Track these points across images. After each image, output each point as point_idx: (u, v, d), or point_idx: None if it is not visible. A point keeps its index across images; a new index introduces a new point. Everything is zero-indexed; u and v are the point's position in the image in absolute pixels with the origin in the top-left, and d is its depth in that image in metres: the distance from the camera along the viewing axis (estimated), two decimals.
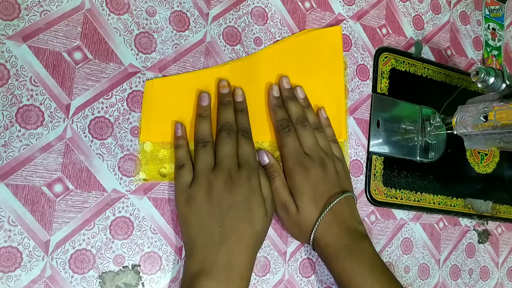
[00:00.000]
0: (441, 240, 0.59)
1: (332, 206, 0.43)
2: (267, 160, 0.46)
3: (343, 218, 0.44)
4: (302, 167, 0.44)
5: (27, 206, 0.37)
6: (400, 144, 0.56)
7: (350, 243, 0.43)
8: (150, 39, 0.43)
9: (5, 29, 0.37)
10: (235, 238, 0.39)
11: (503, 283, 0.64)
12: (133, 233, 0.41)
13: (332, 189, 0.45)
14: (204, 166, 0.41)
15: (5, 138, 0.37)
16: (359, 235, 0.44)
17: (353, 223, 0.45)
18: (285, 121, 0.46)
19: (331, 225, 0.43)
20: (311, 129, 0.47)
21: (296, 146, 0.45)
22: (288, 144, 0.45)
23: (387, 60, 0.56)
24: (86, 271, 0.38)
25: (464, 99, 0.53)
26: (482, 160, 0.63)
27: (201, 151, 0.41)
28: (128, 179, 0.41)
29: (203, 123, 0.43)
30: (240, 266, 0.38)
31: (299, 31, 0.51)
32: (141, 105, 0.42)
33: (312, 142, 0.46)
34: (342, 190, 0.46)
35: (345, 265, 0.42)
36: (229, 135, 0.42)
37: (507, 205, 0.64)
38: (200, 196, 0.39)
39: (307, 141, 0.46)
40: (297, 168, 0.44)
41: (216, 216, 0.39)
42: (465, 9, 0.65)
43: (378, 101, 0.55)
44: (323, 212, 0.43)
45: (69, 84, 0.39)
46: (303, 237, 0.45)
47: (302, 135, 0.46)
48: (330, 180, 0.45)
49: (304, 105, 0.49)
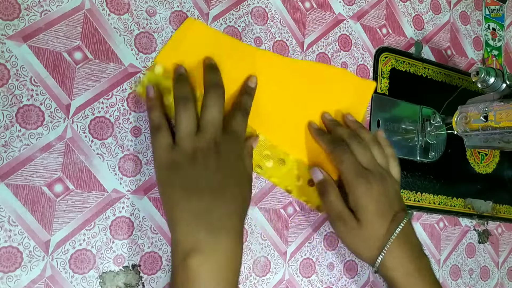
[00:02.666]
0: (441, 240, 0.59)
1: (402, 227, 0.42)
2: (320, 176, 0.45)
3: (410, 238, 0.43)
4: (364, 179, 0.42)
5: (27, 206, 0.37)
6: (400, 144, 0.56)
7: (419, 266, 0.42)
8: (150, 39, 0.43)
9: (5, 29, 0.37)
10: (225, 206, 0.36)
11: (503, 283, 0.64)
12: (133, 233, 0.41)
13: (395, 205, 0.43)
14: (186, 131, 0.38)
15: (5, 138, 0.37)
16: (423, 257, 0.43)
17: (418, 243, 0.44)
18: (337, 140, 0.45)
19: (400, 247, 0.41)
20: (367, 145, 0.45)
21: (354, 161, 0.44)
22: (345, 160, 0.43)
23: (387, 60, 0.56)
24: (86, 271, 0.38)
25: (464, 99, 0.53)
26: (482, 160, 0.63)
27: (182, 111, 0.38)
28: (128, 179, 0.41)
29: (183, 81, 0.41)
30: (233, 235, 0.36)
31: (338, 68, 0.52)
32: (141, 105, 0.42)
33: (370, 157, 0.44)
34: (403, 208, 0.44)
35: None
36: (218, 96, 0.39)
37: (507, 205, 0.64)
38: (184, 161, 0.37)
39: (365, 157, 0.44)
40: (359, 181, 0.42)
41: (203, 183, 0.36)
42: (465, 9, 0.65)
43: (378, 101, 0.55)
44: (395, 231, 0.41)
45: (69, 84, 0.39)
46: (368, 252, 0.43)
47: (358, 151, 0.44)
48: (392, 195, 0.44)
49: (356, 127, 0.48)
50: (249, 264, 0.46)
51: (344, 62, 0.53)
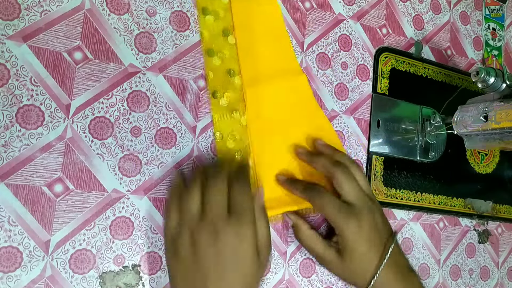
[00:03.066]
0: (441, 240, 0.59)
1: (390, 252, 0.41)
2: (291, 222, 0.45)
3: (398, 260, 0.43)
4: (352, 220, 0.41)
5: (27, 206, 0.37)
6: (400, 144, 0.56)
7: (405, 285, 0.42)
8: (150, 39, 0.43)
9: (5, 29, 0.37)
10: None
11: (503, 283, 0.64)
12: (133, 233, 0.41)
13: (384, 233, 0.43)
14: (189, 216, 0.37)
15: (5, 138, 0.37)
16: (411, 274, 0.43)
17: (405, 261, 0.44)
18: (309, 186, 0.43)
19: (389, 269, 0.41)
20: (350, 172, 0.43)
21: (335, 202, 0.41)
22: (325, 204, 0.41)
23: (387, 60, 0.56)
24: (86, 271, 0.38)
25: (464, 99, 0.53)
26: (482, 160, 0.63)
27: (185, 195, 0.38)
28: (128, 179, 0.41)
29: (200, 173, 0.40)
30: None
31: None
32: (141, 105, 0.42)
33: (355, 188, 0.42)
34: (391, 231, 0.44)
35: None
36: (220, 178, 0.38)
37: (507, 205, 0.64)
38: (184, 252, 0.36)
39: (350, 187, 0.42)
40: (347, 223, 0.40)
41: (202, 272, 0.36)
42: (465, 9, 0.65)
43: (378, 101, 0.55)
44: (385, 258, 0.41)
45: (69, 84, 0.39)
46: (360, 281, 0.42)
47: (343, 181, 0.42)
48: (380, 226, 0.43)
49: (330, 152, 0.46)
50: None
51: (344, 62, 0.53)
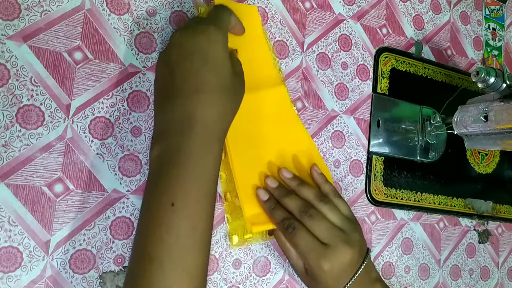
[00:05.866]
0: (442, 240, 0.59)
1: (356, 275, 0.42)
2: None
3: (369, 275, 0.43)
4: (323, 261, 0.40)
5: (28, 206, 0.37)
6: (400, 144, 0.56)
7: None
8: (151, 39, 0.43)
9: (5, 29, 0.37)
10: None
11: (503, 283, 0.64)
12: (133, 233, 0.41)
13: (358, 260, 0.42)
14: None
15: (5, 138, 0.37)
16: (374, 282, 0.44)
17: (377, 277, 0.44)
18: (286, 220, 0.42)
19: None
20: (319, 214, 0.42)
21: (309, 240, 0.40)
22: (298, 241, 0.41)
23: (387, 60, 0.56)
24: (87, 271, 0.38)
25: (464, 99, 0.53)
26: (482, 160, 0.63)
27: None
28: (128, 179, 0.41)
29: None
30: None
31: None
32: (141, 105, 0.42)
33: (326, 228, 0.41)
34: (365, 251, 0.43)
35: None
36: None
37: (507, 205, 0.64)
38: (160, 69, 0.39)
39: (320, 230, 0.41)
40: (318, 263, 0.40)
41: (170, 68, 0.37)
42: (465, 9, 0.65)
43: (378, 101, 0.55)
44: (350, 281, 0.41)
45: (69, 84, 0.39)
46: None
47: (312, 226, 0.41)
48: (356, 257, 0.42)
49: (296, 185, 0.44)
50: (249, 264, 0.46)
51: (344, 62, 0.53)
